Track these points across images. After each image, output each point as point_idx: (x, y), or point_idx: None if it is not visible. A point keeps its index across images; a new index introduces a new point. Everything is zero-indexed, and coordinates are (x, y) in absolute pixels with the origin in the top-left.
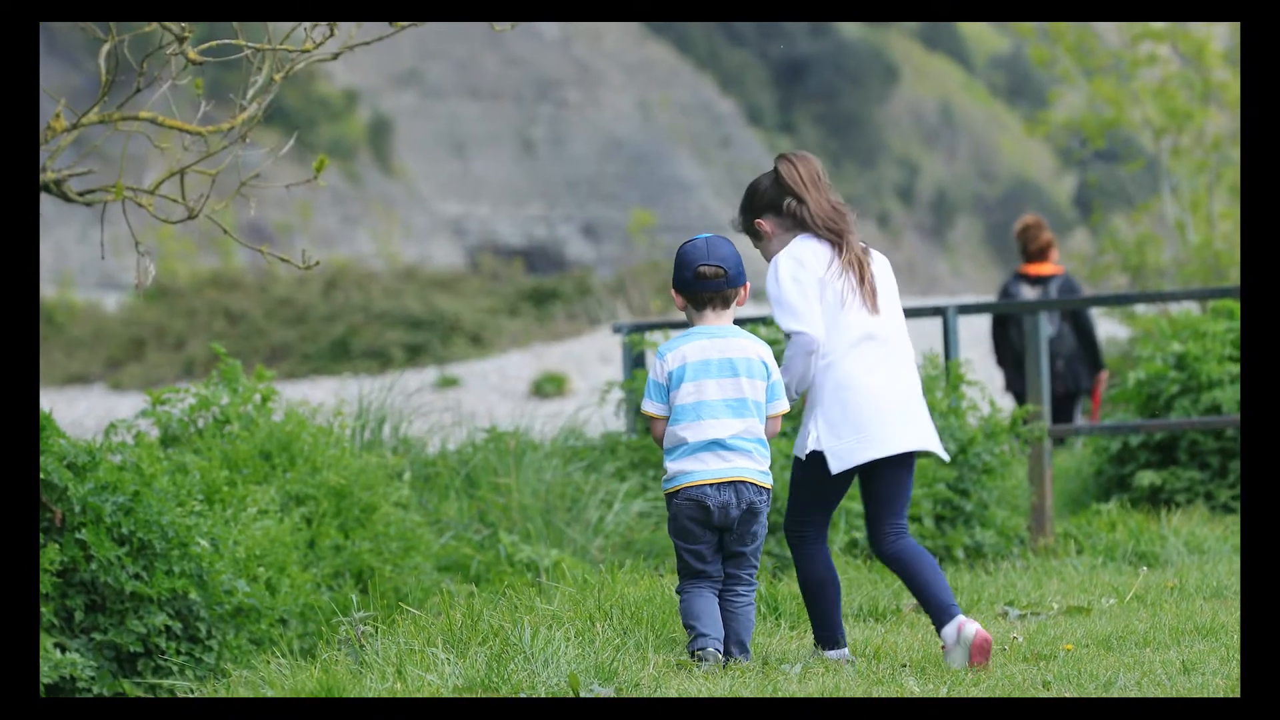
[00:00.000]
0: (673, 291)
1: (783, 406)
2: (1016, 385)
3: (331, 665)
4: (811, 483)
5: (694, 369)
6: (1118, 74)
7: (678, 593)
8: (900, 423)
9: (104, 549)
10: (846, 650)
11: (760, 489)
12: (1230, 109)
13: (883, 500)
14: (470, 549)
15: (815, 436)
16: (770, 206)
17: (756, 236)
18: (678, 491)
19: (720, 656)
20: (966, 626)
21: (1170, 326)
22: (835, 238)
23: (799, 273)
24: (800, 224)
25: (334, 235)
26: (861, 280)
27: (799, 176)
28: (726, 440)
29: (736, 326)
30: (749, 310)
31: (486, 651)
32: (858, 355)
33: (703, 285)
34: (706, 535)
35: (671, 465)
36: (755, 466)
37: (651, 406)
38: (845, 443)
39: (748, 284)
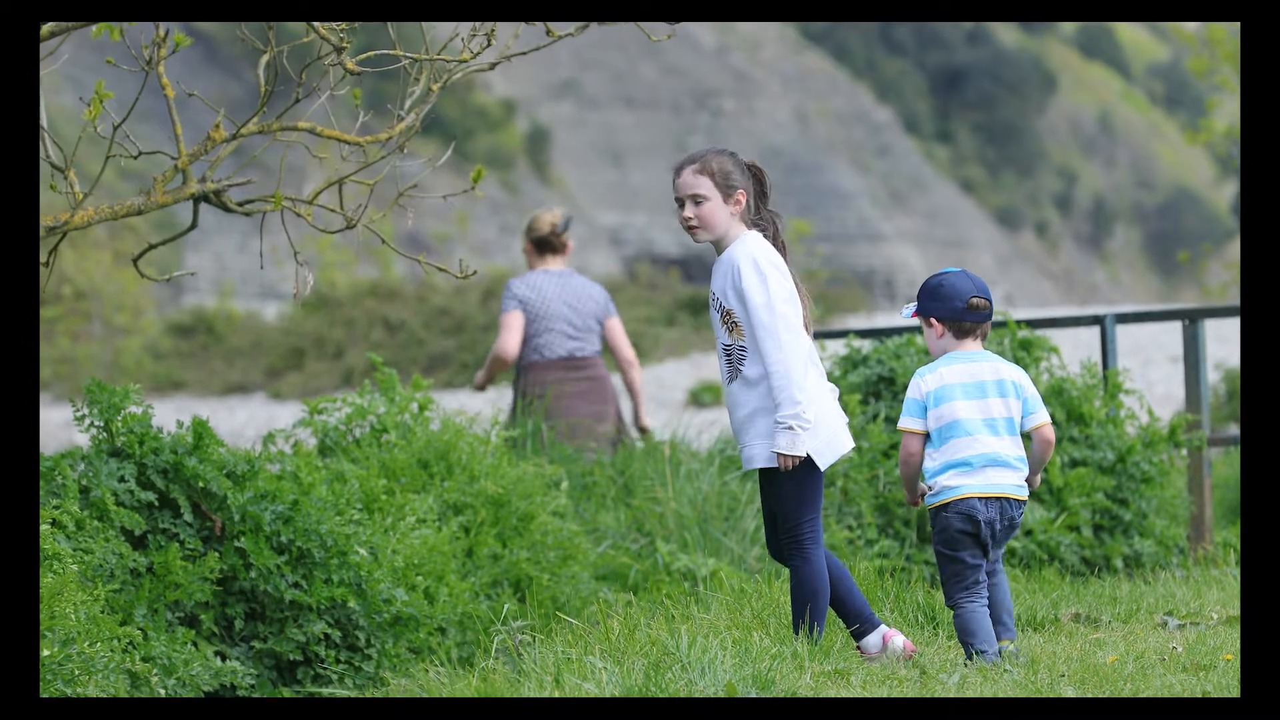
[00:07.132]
0: (930, 320)
1: (1044, 418)
2: None
3: (490, 674)
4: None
5: (953, 390)
6: None
7: (950, 606)
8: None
9: (263, 558)
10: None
11: (1020, 503)
12: None
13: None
14: (628, 558)
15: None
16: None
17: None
18: (947, 505)
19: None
20: (894, 638)
21: None
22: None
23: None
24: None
25: (491, 245)
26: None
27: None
28: (991, 456)
29: (989, 352)
30: None
31: (644, 660)
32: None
33: (974, 316)
34: (975, 547)
35: (939, 480)
36: (1015, 482)
37: (911, 422)
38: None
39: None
